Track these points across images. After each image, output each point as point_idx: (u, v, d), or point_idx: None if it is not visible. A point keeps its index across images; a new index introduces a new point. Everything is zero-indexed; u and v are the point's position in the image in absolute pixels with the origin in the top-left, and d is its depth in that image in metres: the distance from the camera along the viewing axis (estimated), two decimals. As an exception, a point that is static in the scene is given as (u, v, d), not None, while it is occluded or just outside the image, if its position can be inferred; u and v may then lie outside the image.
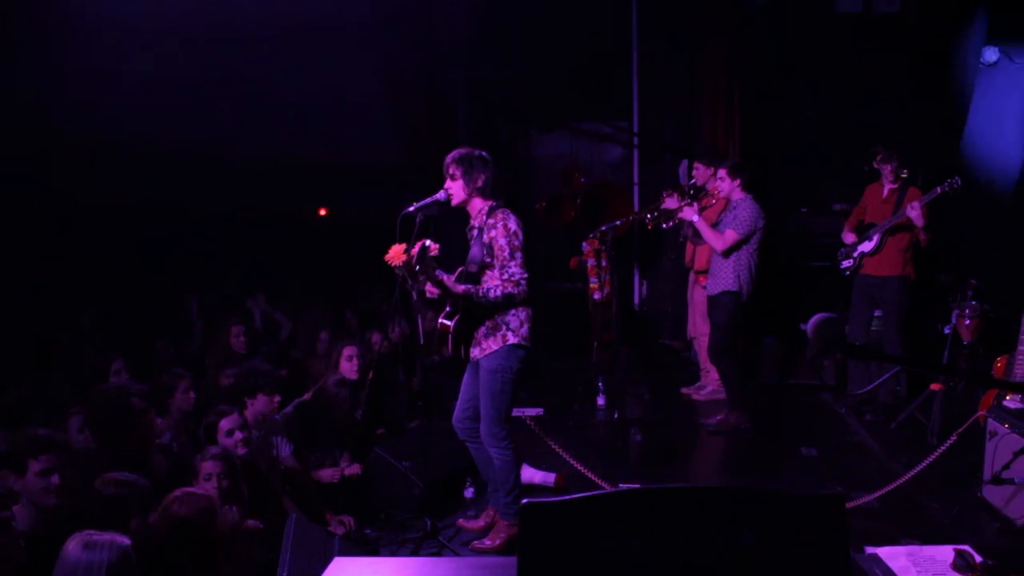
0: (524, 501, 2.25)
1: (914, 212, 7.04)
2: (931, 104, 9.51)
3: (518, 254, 4.96)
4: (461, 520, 5.57)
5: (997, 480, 5.40)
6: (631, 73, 10.61)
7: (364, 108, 9.39)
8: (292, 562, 4.31)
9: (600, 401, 7.95)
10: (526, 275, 4.95)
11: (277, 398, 5.69)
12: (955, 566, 2.41)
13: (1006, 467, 5.32)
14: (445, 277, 4.94)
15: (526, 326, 5.04)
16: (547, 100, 10.33)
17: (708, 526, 2.24)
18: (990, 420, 5.69)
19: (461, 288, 4.94)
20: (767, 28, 9.73)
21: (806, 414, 7.90)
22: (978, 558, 2.42)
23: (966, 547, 2.47)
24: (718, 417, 7.48)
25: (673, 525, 2.22)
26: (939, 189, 6.95)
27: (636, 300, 10.73)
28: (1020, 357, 6.10)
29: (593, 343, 8.37)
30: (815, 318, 2.08)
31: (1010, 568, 2.38)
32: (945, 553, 2.46)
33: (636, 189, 10.58)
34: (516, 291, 4.92)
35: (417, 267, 4.80)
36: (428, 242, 4.87)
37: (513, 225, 4.99)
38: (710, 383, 8.24)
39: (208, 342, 8.02)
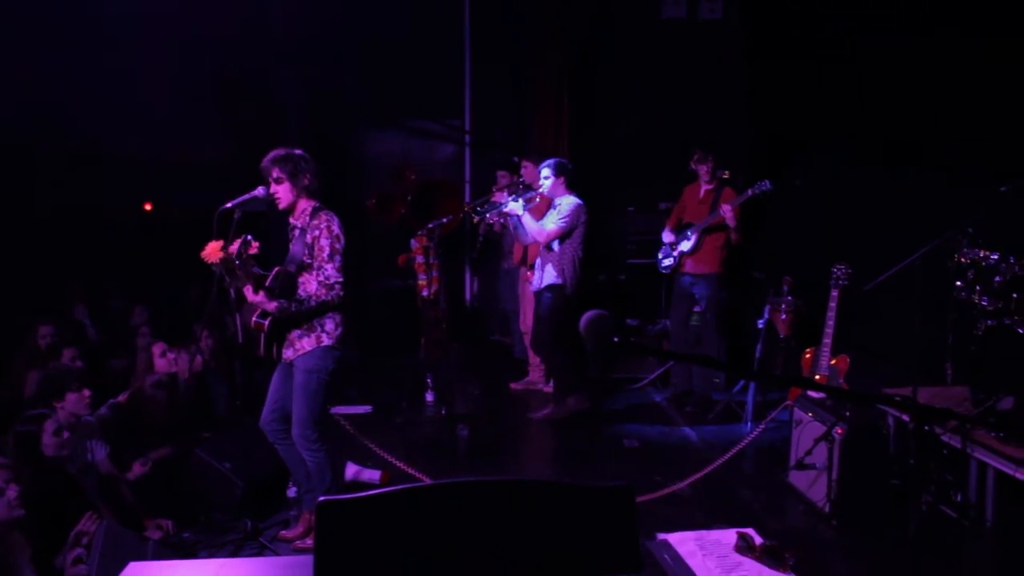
0: (320, 499, 2.25)
1: (727, 213, 7.36)
2: (752, 107, 9.91)
3: (337, 257, 4.94)
4: (282, 532, 5.47)
5: (801, 465, 5.71)
6: (463, 72, 10.66)
7: (192, 105, 9.16)
8: (100, 570, 4.18)
9: (429, 398, 7.98)
10: (341, 279, 4.93)
11: (87, 392, 5.46)
12: (737, 548, 2.53)
13: (808, 453, 5.63)
14: (258, 296, 4.85)
15: (341, 329, 5.03)
16: (379, 98, 10.28)
17: (501, 519, 2.29)
18: (795, 409, 6.01)
19: (273, 305, 4.86)
20: (596, 32, 9.95)
21: (630, 407, 8.12)
22: (759, 540, 2.55)
23: (748, 530, 2.60)
24: (547, 409, 7.63)
25: (467, 518, 2.26)
26: (749, 192, 7.29)
27: (468, 297, 10.80)
28: (825, 350, 6.46)
29: (422, 340, 8.38)
30: (586, 315, 2.15)
31: (792, 547, 2.52)
32: (729, 536, 2.58)
33: (468, 187, 10.65)
34: (329, 296, 4.90)
35: (236, 263, 4.72)
36: (248, 237, 4.80)
37: (336, 228, 4.97)
38: (535, 375, 8.38)
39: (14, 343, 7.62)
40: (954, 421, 5.42)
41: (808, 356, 6.67)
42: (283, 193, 4.98)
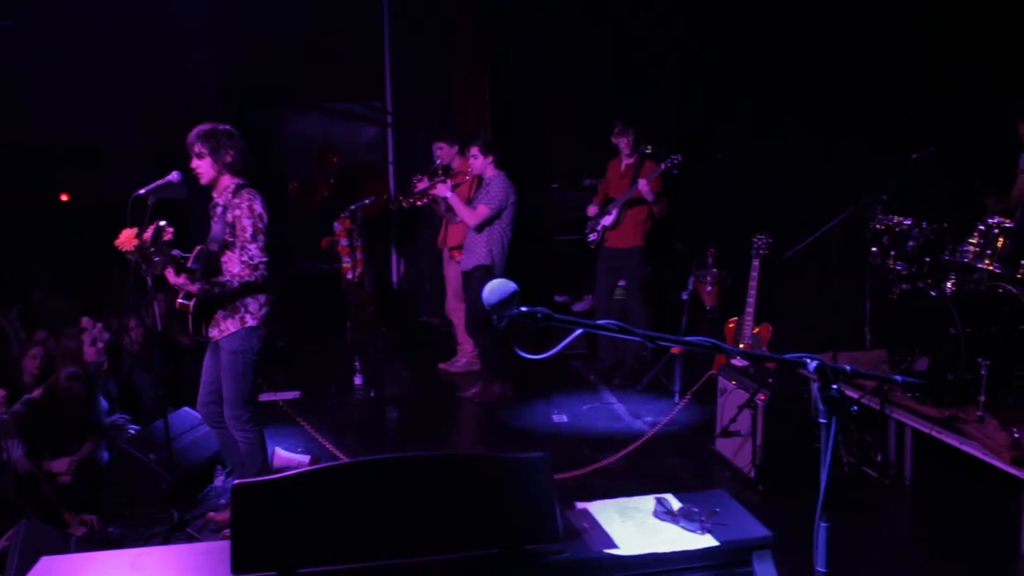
0: (234, 482, 2.23)
1: (643, 188, 7.41)
2: (676, 80, 9.98)
3: (260, 237, 4.87)
4: (210, 513, 5.42)
5: (726, 433, 5.80)
6: (384, 53, 10.57)
7: (109, 92, 8.96)
8: (19, 570, 4.09)
9: (357, 381, 7.93)
10: (265, 259, 4.86)
11: (2, 392, 5.33)
12: (656, 512, 2.56)
13: (733, 420, 5.71)
14: (180, 278, 4.78)
15: (265, 309, 4.97)
16: (299, 80, 10.15)
17: (419, 493, 2.29)
18: (720, 378, 6.09)
19: (196, 287, 4.79)
20: (518, 10, 9.91)
21: (558, 382, 8.16)
22: (676, 504, 2.58)
23: (667, 495, 2.63)
24: (475, 388, 7.64)
25: (382, 495, 2.26)
26: (662, 165, 7.35)
27: (394, 278, 10.75)
28: (748, 319, 6.56)
29: (348, 323, 8.33)
30: (488, 286, 2.15)
31: (709, 510, 2.56)
32: (648, 503, 2.61)
33: (391, 168, 10.58)
34: (253, 276, 4.83)
35: (152, 250, 4.64)
36: (163, 223, 4.71)
37: (259, 207, 4.89)
38: (464, 356, 8.38)
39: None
40: (872, 383, 5.56)
41: (731, 326, 6.77)
42: (204, 168, 4.89)
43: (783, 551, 4.58)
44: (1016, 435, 4.74)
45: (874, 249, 6.20)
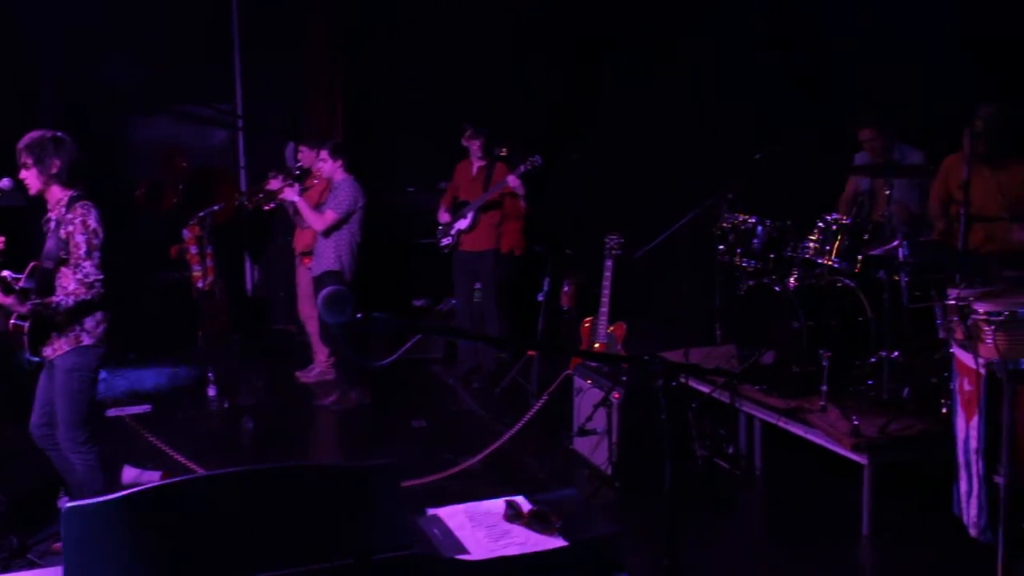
0: (65, 505, 2.12)
1: (513, 182, 7.44)
2: (529, 81, 10.04)
3: (95, 253, 4.65)
4: (55, 544, 5.15)
5: (583, 432, 5.86)
6: (233, 55, 10.31)
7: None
8: None
9: (211, 392, 7.69)
10: (101, 276, 4.65)
11: None
12: (506, 516, 2.55)
13: (589, 419, 5.77)
14: (9, 298, 4.54)
15: (102, 327, 4.76)
16: (144, 83, 9.80)
17: (262, 506, 2.21)
18: (575, 378, 6.15)
19: (27, 307, 4.55)
20: (369, 10, 9.81)
21: (418, 387, 8.11)
22: (527, 506, 2.58)
23: (517, 497, 2.62)
24: (332, 396, 7.53)
25: (223, 510, 2.18)
26: (522, 168, 7.39)
27: (248, 285, 10.50)
28: (603, 319, 6.65)
29: (199, 333, 8.09)
30: (322, 293, 2.11)
31: (561, 510, 2.56)
32: (499, 506, 2.59)
33: (243, 172, 10.33)
34: (89, 294, 4.61)
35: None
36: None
37: (93, 222, 4.65)
38: (319, 364, 8.25)
39: None
40: (722, 378, 5.71)
41: (587, 325, 6.84)
42: (31, 180, 4.65)
43: (639, 544, 4.70)
44: (856, 423, 4.94)
45: (721, 247, 6.38)
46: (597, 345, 6.62)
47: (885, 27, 6.90)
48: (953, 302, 3.46)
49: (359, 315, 2.04)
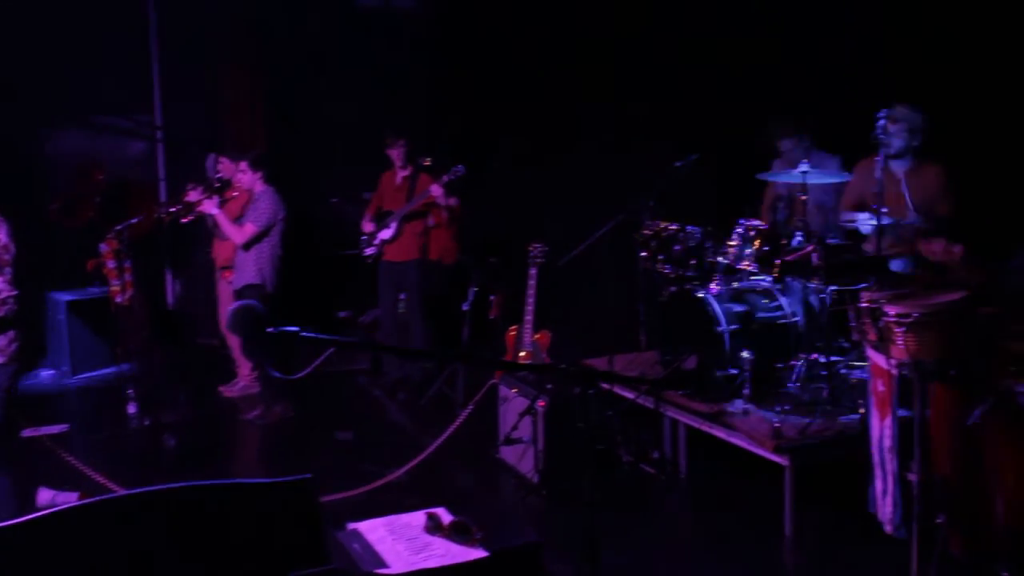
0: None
1: (436, 192, 7.43)
2: (449, 93, 10.05)
3: (7, 269, 4.55)
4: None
5: (509, 440, 5.87)
6: (151, 65, 10.13)
7: None
8: None
9: (131, 409, 7.54)
10: (14, 292, 4.55)
11: None
12: (427, 528, 2.54)
13: (515, 428, 5.78)
14: None
15: (15, 345, 4.65)
16: (60, 94, 9.57)
17: (175, 526, 2.18)
18: (501, 387, 6.15)
19: None
20: (290, 21, 9.72)
21: (344, 399, 8.05)
22: (447, 518, 2.57)
23: (438, 509, 2.61)
24: (257, 410, 7.42)
25: (134, 531, 2.14)
26: (446, 177, 7.40)
27: (170, 299, 10.31)
28: (527, 327, 6.67)
29: (118, 350, 7.92)
30: (230, 308, 2.09)
31: (481, 521, 2.56)
32: (419, 518, 2.58)
33: (162, 185, 10.14)
34: (1, 312, 4.50)
35: None
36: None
37: (4, 236, 4.56)
38: (243, 378, 8.13)
39: None
40: (644, 385, 5.76)
41: (512, 334, 6.85)
42: None
43: (565, 552, 4.71)
44: (776, 425, 5.02)
45: (643, 254, 6.43)
46: (522, 354, 6.63)
47: (801, 33, 7.04)
48: (865, 305, 3.54)
49: (270, 329, 2.02)
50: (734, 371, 5.48)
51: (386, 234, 7.71)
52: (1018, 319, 3.38)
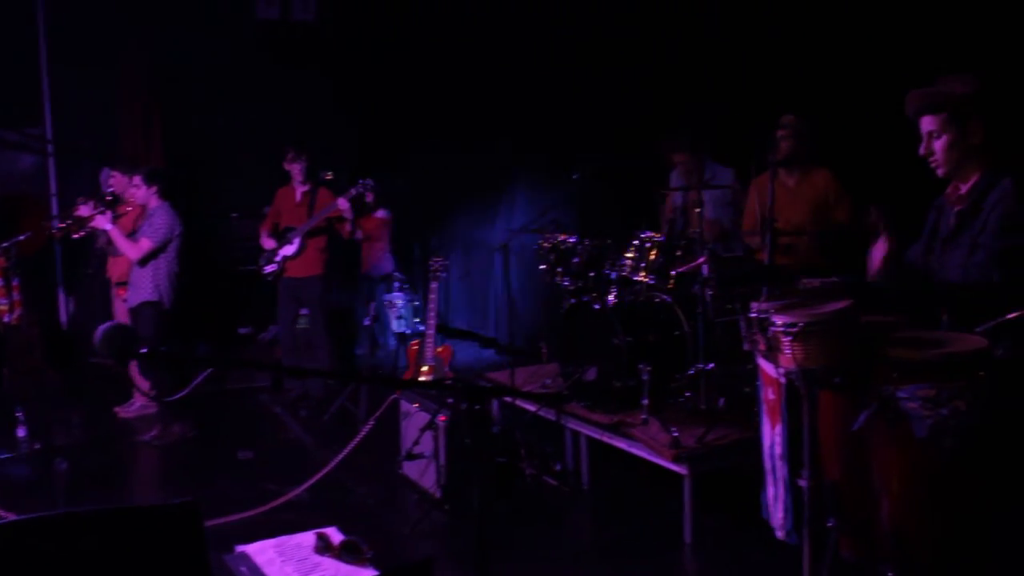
0: None
1: (343, 206, 7.38)
2: (350, 107, 9.99)
3: None
4: None
5: (411, 456, 5.83)
6: (40, 76, 9.83)
7: None
8: None
9: (20, 433, 7.28)
10: None
11: None
12: (316, 549, 2.51)
13: (416, 443, 5.75)
14: None
15: None
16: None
17: (54, 555, 2.11)
18: (402, 401, 6.12)
19: None
20: (188, 33, 9.53)
21: (244, 417, 7.92)
22: (338, 537, 2.54)
23: (329, 529, 2.58)
24: (155, 431, 7.25)
25: (14, 560, 2.06)
26: (353, 191, 7.36)
27: (64, 318, 10.01)
28: (429, 341, 6.65)
29: (6, 371, 7.66)
30: (101, 328, 2.03)
31: (373, 539, 2.54)
32: (309, 539, 2.55)
33: (54, 200, 9.85)
34: None
35: None
36: None
37: None
38: (139, 398, 7.94)
39: None
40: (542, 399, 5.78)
41: (415, 348, 6.83)
42: None
43: (466, 567, 4.71)
44: (675, 434, 5.09)
45: (543, 266, 6.47)
46: (425, 368, 6.62)
47: (697, 45, 7.18)
48: (755, 315, 3.60)
49: (144, 350, 1.97)
50: (633, 382, 5.53)
51: (288, 250, 7.62)
52: (899, 327, 3.48)
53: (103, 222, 7.06)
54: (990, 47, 5.31)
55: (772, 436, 3.89)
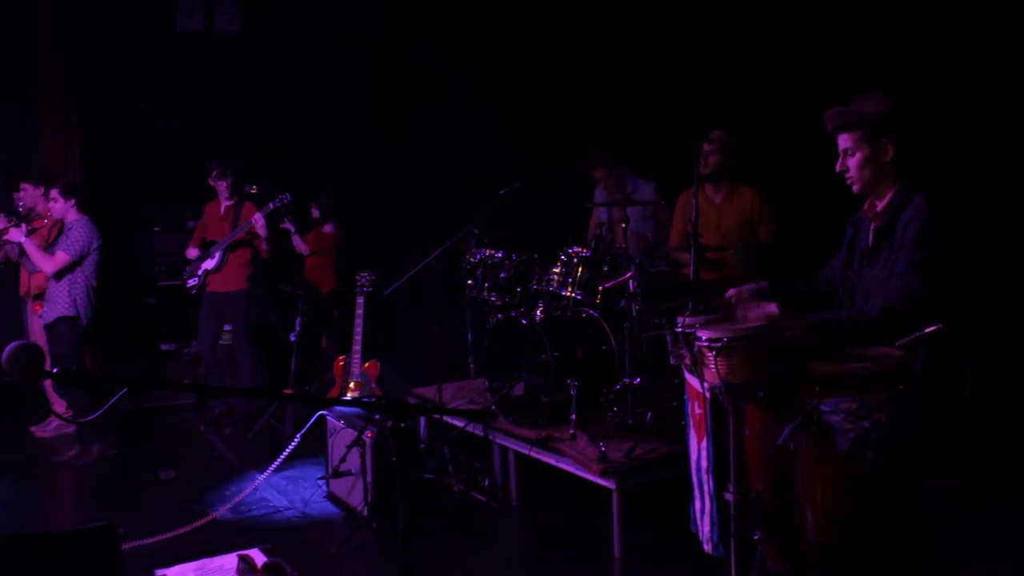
0: None
1: (258, 222, 7.29)
2: (275, 121, 9.90)
3: None
4: None
5: (337, 473, 5.76)
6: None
7: None
8: None
9: (-70, 455, 7.06)
10: None
11: None
12: (239, 571, 2.46)
13: (343, 460, 5.68)
14: None
15: None
16: None
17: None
18: (329, 419, 6.04)
19: None
20: (108, 45, 9.35)
21: (167, 435, 7.76)
22: (261, 560, 2.49)
23: (252, 551, 2.53)
24: (73, 450, 7.07)
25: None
26: (271, 205, 7.29)
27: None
28: (356, 356, 6.60)
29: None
30: (8, 348, 1.99)
31: (298, 560, 2.49)
32: (231, 561, 2.50)
33: (-33, 214, 9.56)
34: None
35: None
36: None
37: None
38: (56, 417, 7.74)
39: None
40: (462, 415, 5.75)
41: (341, 363, 6.77)
42: None
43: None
44: (603, 449, 5.10)
45: (470, 282, 6.46)
46: (352, 384, 6.56)
47: (623, 61, 7.22)
48: (680, 329, 3.64)
49: (55, 370, 1.91)
50: (561, 397, 5.54)
51: (209, 264, 7.51)
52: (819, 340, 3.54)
53: (17, 235, 6.88)
54: (907, 64, 5.42)
55: (699, 450, 3.92)
